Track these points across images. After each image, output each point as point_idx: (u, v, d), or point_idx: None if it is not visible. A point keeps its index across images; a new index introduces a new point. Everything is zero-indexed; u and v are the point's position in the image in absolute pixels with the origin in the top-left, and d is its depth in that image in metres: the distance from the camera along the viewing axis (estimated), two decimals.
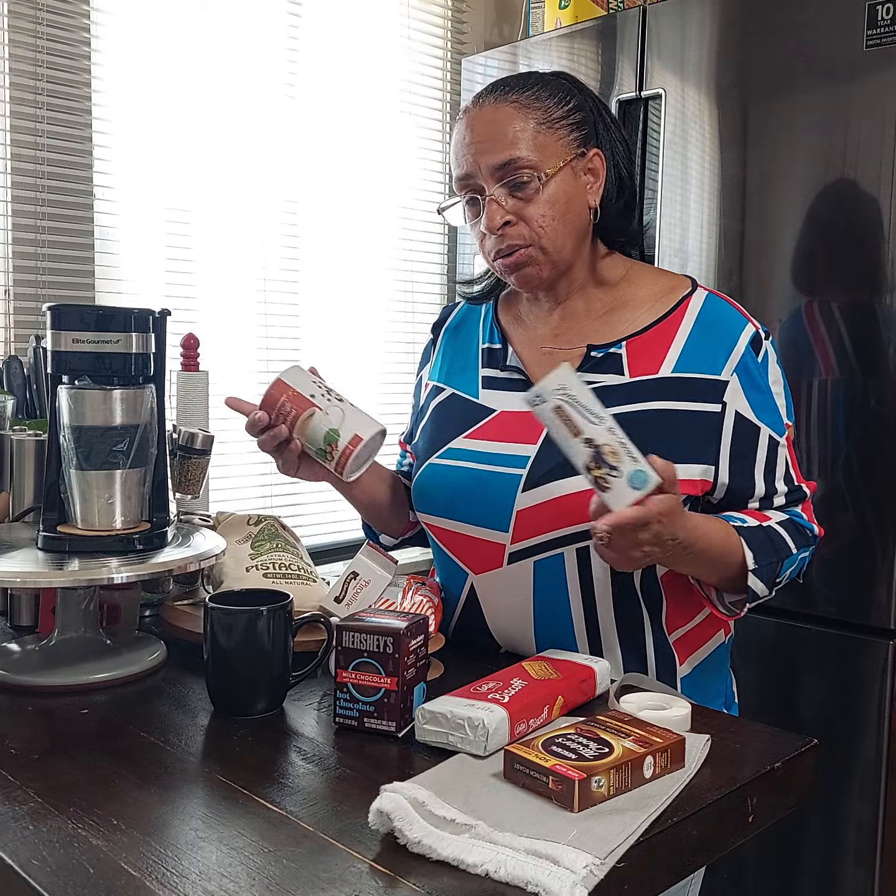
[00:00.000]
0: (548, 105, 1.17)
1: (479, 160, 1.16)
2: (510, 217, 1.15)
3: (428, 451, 1.26)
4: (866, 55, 1.73)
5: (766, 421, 1.17)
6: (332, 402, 1.14)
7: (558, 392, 1.01)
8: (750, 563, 1.11)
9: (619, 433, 1.00)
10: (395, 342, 2.58)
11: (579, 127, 1.18)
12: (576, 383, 1.01)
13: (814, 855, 1.89)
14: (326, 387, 1.17)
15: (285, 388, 1.14)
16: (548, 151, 1.15)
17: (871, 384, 1.76)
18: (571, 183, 1.17)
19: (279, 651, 1.01)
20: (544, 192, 1.15)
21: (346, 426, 1.13)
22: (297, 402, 1.14)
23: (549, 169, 1.15)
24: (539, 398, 1.01)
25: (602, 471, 0.99)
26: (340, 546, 2.45)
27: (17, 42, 1.87)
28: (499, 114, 1.16)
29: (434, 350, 1.38)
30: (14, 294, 1.91)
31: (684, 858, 0.80)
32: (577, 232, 1.19)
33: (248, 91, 2.23)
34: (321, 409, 1.13)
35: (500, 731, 0.89)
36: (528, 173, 1.14)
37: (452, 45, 2.66)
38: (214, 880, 0.70)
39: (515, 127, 1.15)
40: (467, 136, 1.17)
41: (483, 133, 1.16)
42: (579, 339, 1.22)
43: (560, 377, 1.01)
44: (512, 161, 1.14)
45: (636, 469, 0.99)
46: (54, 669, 1.09)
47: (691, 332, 1.18)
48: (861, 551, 1.78)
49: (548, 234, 1.16)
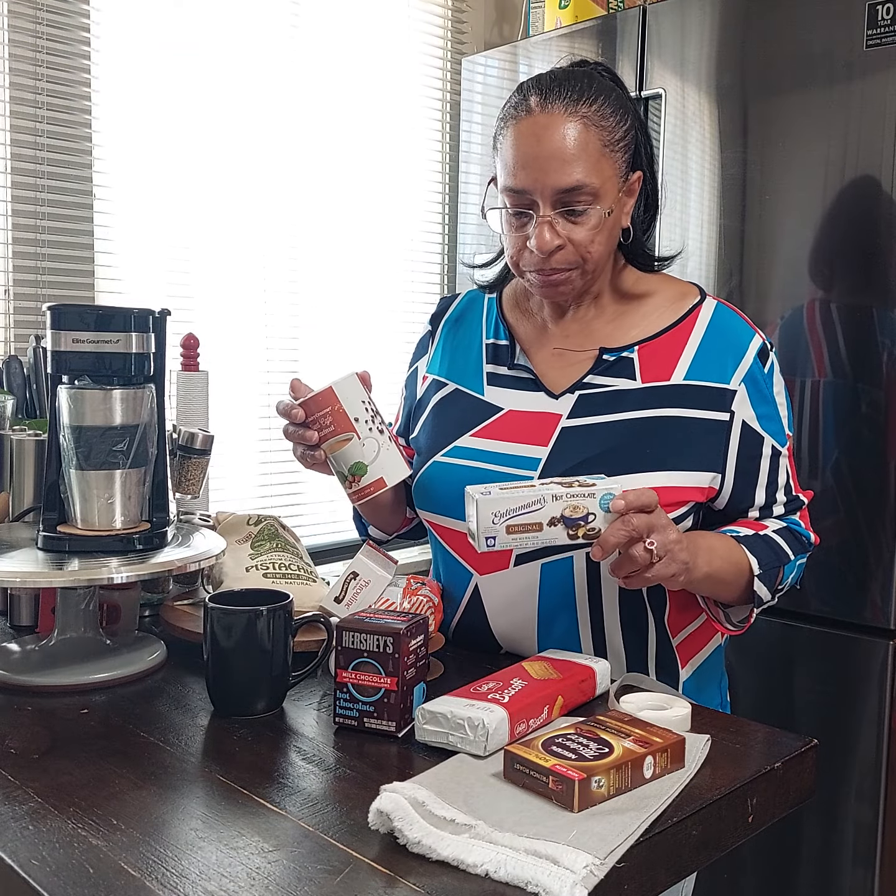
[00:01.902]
0: (611, 124, 1.12)
1: (542, 178, 1.10)
2: (562, 241, 1.12)
3: (432, 449, 1.25)
4: (866, 55, 1.73)
5: (769, 431, 1.18)
6: (373, 432, 1.09)
7: (497, 519, 1.00)
8: (755, 569, 1.12)
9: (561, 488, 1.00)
10: (394, 338, 2.58)
11: (629, 148, 1.15)
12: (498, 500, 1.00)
13: (814, 855, 1.89)
14: (374, 409, 1.11)
15: (333, 401, 1.08)
16: (606, 175, 1.12)
17: (863, 388, 1.76)
18: (619, 208, 1.16)
19: (279, 651, 1.01)
20: (603, 222, 1.12)
21: (375, 465, 1.09)
22: (340, 420, 1.08)
23: (610, 199, 1.12)
24: (489, 539, 1.00)
25: (582, 528, 1.00)
26: (340, 546, 2.45)
27: (17, 42, 1.87)
28: (569, 128, 1.09)
29: (433, 342, 1.35)
30: (14, 294, 1.91)
31: (684, 858, 0.80)
32: (612, 253, 1.19)
33: (247, 90, 2.23)
34: (359, 438, 1.08)
35: (499, 731, 0.89)
36: (589, 199, 1.10)
37: (452, 45, 2.66)
38: (214, 880, 0.70)
39: (584, 147, 1.09)
40: (531, 147, 1.10)
41: (550, 149, 1.09)
42: (591, 342, 1.22)
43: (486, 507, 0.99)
44: (578, 187, 1.10)
45: (601, 497, 1.00)
46: (54, 669, 1.09)
47: (702, 340, 1.18)
48: (856, 552, 1.79)
49: (595, 258, 1.14)
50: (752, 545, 1.14)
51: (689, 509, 1.15)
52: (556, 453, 1.16)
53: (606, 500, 1.00)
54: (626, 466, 1.13)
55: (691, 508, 1.15)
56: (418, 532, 1.40)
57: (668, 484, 1.12)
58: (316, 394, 1.09)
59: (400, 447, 1.14)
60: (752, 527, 1.18)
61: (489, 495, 1.00)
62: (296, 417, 1.10)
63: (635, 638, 1.17)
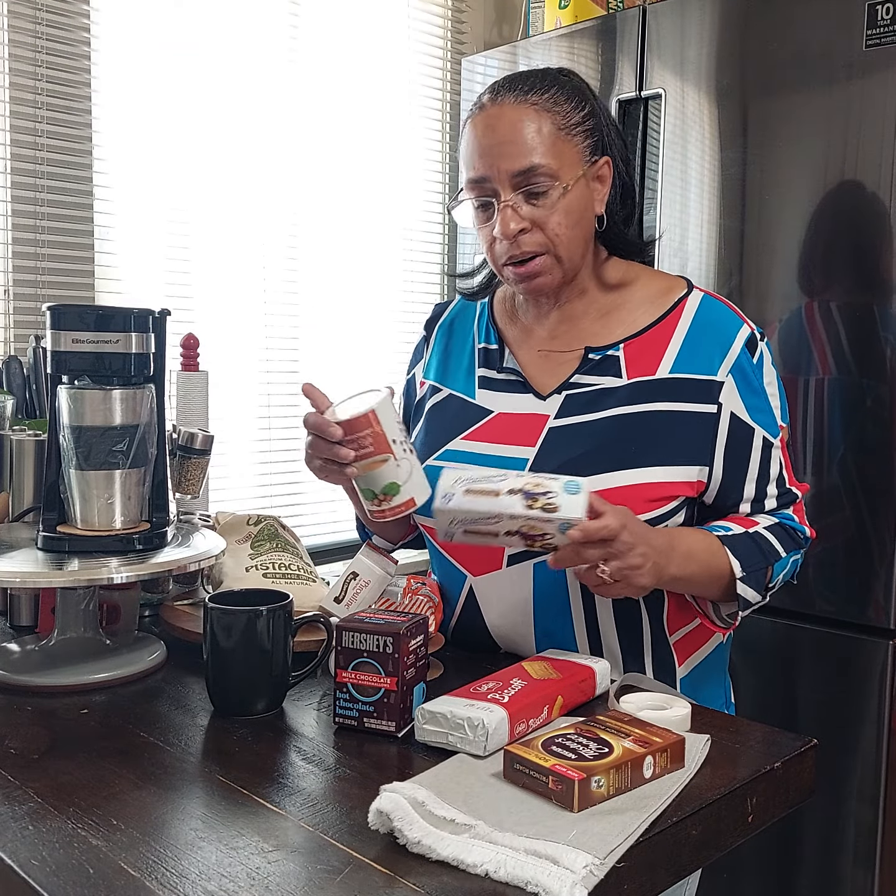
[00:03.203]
0: (566, 109, 1.14)
1: (497, 164, 1.12)
2: (526, 224, 1.13)
3: (425, 453, 1.26)
4: (866, 55, 1.73)
5: (760, 422, 1.17)
6: (407, 453, 1.09)
7: (458, 483, 1.03)
8: (737, 572, 1.12)
9: (527, 476, 1.03)
10: (394, 339, 2.58)
11: (592, 134, 1.16)
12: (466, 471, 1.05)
13: (814, 855, 1.89)
14: (405, 428, 1.12)
15: (374, 423, 1.07)
16: (566, 158, 1.13)
17: (868, 384, 1.76)
18: (585, 192, 1.16)
19: (279, 651, 1.01)
20: (562, 202, 1.13)
21: (408, 485, 1.09)
22: (379, 442, 1.07)
23: (569, 178, 1.13)
24: (446, 496, 1.02)
25: (540, 501, 0.99)
26: (340, 546, 2.45)
27: (17, 42, 1.87)
28: (519, 115, 1.12)
29: (427, 348, 1.36)
30: (14, 294, 1.91)
31: (684, 858, 0.80)
32: (587, 240, 1.19)
33: (247, 88, 2.23)
34: (395, 460, 1.08)
35: (499, 731, 0.89)
36: (548, 181, 1.12)
37: (452, 45, 2.66)
38: (214, 880, 0.70)
39: (536, 131, 1.12)
40: (485, 136, 1.13)
41: (502, 135, 1.12)
42: (577, 341, 1.22)
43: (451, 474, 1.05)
44: (533, 168, 1.11)
45: (565, 482, 1.01)
46: (54, 669, 1.09)
47: (688, 333, 1.18)
48: (859, 551, 1.79)
49: (563, 242, 1.14)
50: (737, 545, 1.13)
51: (679, 504, 1.15)
52: (543, 453, 1.16)
53: (570, 484, 1.00)
54: (612, 463, 1.13)
55: (681, 503, 1.15)
56: (420, 541, 1.40)
57: (654, 479, 1.12)
58: (358, 416, 1.07)
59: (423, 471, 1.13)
60: (743, 523, 1.17)
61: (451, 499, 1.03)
62: (333, 436, 1.07)
63: (630, 636, 1.17)
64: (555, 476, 1.03)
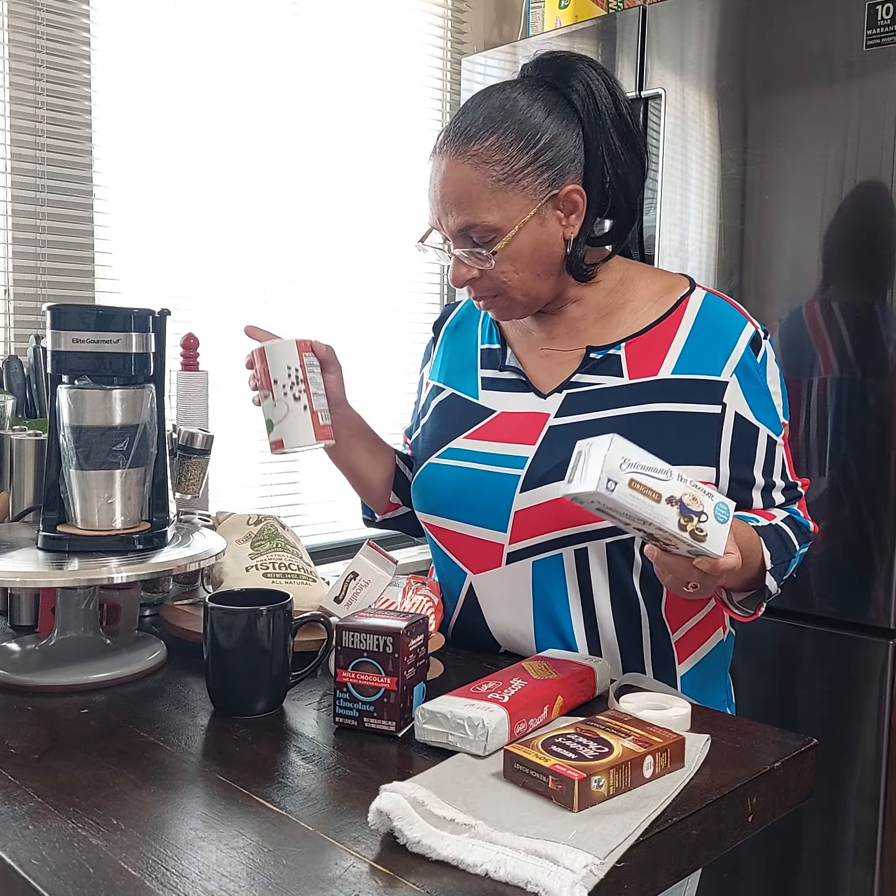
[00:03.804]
0: (509, 155, 1.11)
1: (443, 219, 1.15)
2: (474, 273, 1.15)
3: (428, 451, 1.27)
4: (866, 55, 1.73)
5: (764, 421, 1.17)
6: (287, 397, 1.16)
7: (625, 466, 0.94)
8: (768, 563, 1.11)
9: (686, 477, 0.96)
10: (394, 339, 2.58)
11: (551, 166, 1.12)
12: (631, 448, 0.95)
13: (814, 855, 1.89)
14: (300, 377, 1.17)
15: (261, 361, 1.18)
16: (509, 207, 1.11)
17: (871, 383, 1.76)
18: (537, 230, 1.13)
19: (279, 651, 1.01)
20: (504, 252, 1.13)
21: (280, 426, 1.16)
22: (263, 378, 1.18)
23: (512, 228, 1.12)
24: (610, 481, 0.93)
25: (693, 522, 0.94)
26: (340, 546, 2.45)
27: (17, 42, 1.87)
28: (457, 172, 1.11)
29: (434, 349, 1.38)
30: (14, 294, 1.91)
31: (684, 858, 0.80)
32: (549, 270, 1.17)
33: (247, 90, 2.23)
34: (273, 399, 1.16)
35: (499, 730, 0.89)
36: (489, 234, 1.12)
37: (452, 45, 2.66)
38: (214, 880, 0.70)
39: (472, 188, 1.11)
40: (432, 187, 1.15)
41: (443, 192, 1.13)
42: (578, 341, 1.22)
43: (619, 449, 0.93)
44: (471, 226, 1.12)
45: (716, 504, 0.96)
46: (54, 669, 1.09)
47: (690, 332, 1.18)
48: (859, 550, 1.79)
49: (514, 285, 1.15)
50: (766, 537, 1.12)
51: None
52: (542, 451, 1.16)
53: (720, 509, 0.96)
54: None
55: None
56: (410, 528, 1.40)
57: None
58: (256, 349, 1.18)
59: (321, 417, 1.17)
60: (765, 516, 1.17)
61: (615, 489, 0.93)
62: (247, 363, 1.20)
63: (630, 635, 1.17)
64: (710, 491, 0.96)
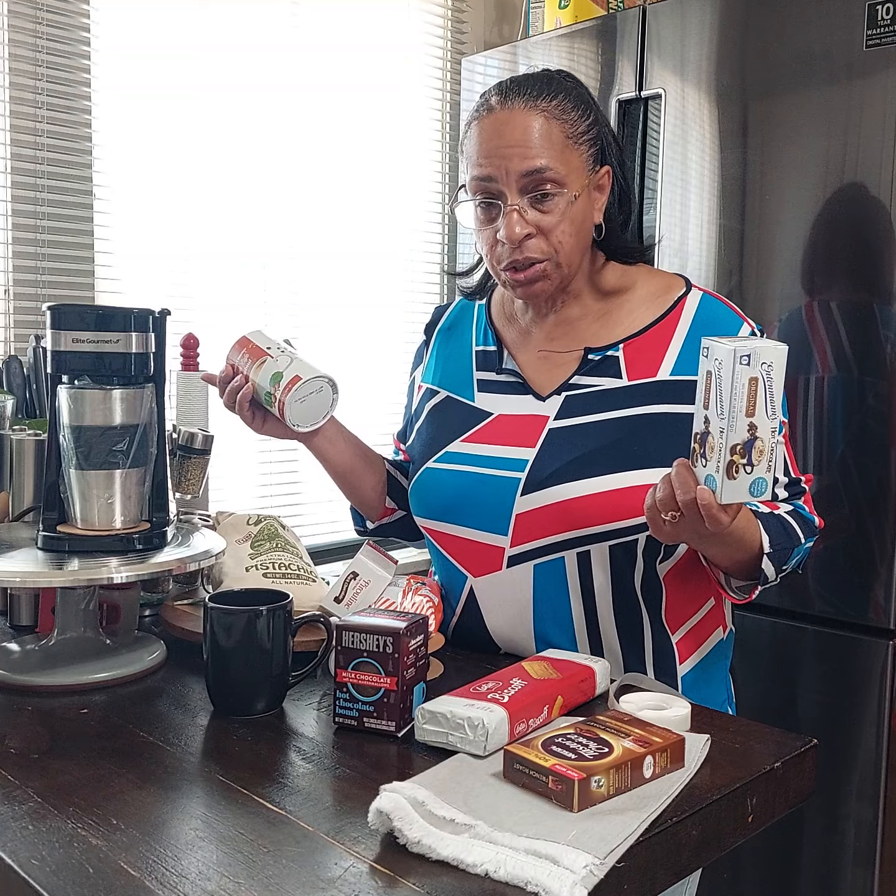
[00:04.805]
0: (573, 118, 1.15)
1: (506, 164, 1.12)
2: (531, 230, 1.13)
3: (425, 456, 1.26)
4: (866, 55, 1.73)
5: None
6: (282, 353, 1.25)
7: (766, 366, 0.93)
8: (766, 547, 1.11)
9: (777, 436, 0.97)
10: (394, 339, 2.58)
11: (595, 143, 1.17)
12: (782, 370, 0.95)
13: (814, 855, 1.89)
14: (285, 345, 1.28)
15: (246, 343, 1.27)
16: (573, 167, 1.14)
17: (869, 382, 1.76)
18: (587, 201, 1.16)
19: (279, 651, 1.01)
20: (569, 210, 1.13)
21: (290, 369, 1.23)
22: (254, 352, 1.26)
23: (576, 187, 1.14)
24: (747, 358, 0.92)
25: (743, 460, 0.95)
26: (340, 546, 2.45)
27: (17, 42, 1.87)
28: (529, 119, 1.12)
29: (427, 351, 1.37)
30: (14, 294, 1.91)
31: (684, 858, 0.80)
32: (585, 249, 1.19)
33: (247, 90, 2.23)
34: (272, 357, 1.24)
35: (499, 730, 0.89)
36: (555, 187, 1.12)
37: (452, 45, 2.66)
38: (214, 880, 0.70)
39: (546, 136, 1.12)
40: (494, 138, 1.13)
41: (512, 137, 1.12)
42: (576, 342, 1.22)
43: (778, 353, 0.93)
44: (542, 169, 1.11)
45: (764, 477, 0.96)
46: (54, 669, 1.09)
47: (688, 333, 1.18)
48: (858, 550, 1.79)
49: (565, 250, 1.15)
50: (766, 522, 1.12)
51: None
52: (543, 454, 1.16)
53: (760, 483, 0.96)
54: (614, 465, 1.12)
55: None
56: (407, 532, 1.40)
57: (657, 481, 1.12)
58: (231, 346, 1.28)
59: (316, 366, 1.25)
60: (768, 505, 1.17)
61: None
62: (228, 373, 1.25)
63: (630, 635, 1.17)
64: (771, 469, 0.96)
